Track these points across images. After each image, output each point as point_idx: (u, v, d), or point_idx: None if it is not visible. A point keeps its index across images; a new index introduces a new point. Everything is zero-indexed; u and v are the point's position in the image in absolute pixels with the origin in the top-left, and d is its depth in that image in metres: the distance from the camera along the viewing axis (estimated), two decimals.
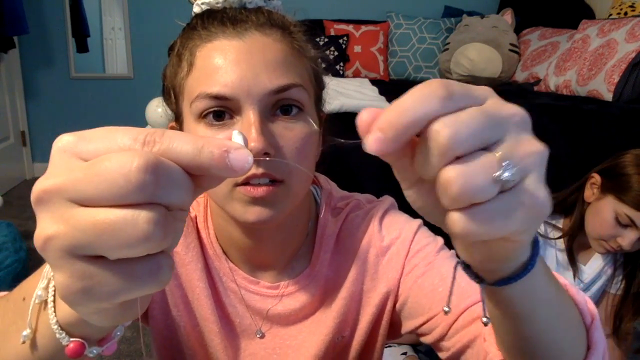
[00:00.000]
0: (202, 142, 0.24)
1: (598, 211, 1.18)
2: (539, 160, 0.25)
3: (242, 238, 0.59)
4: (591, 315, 0.42)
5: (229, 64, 0.49)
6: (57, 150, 0.24)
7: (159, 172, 0.23)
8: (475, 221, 0.24)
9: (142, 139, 0.24)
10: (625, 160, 1.16)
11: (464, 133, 0.23)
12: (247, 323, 0.63)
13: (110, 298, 0.24)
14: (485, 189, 0.23)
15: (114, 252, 0.23)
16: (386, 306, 0.62)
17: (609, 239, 1.16)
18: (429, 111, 0.23)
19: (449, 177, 0.24)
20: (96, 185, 0.22)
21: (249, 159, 0.24)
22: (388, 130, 0.24)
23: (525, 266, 0.32)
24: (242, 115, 0.49)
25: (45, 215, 0.23)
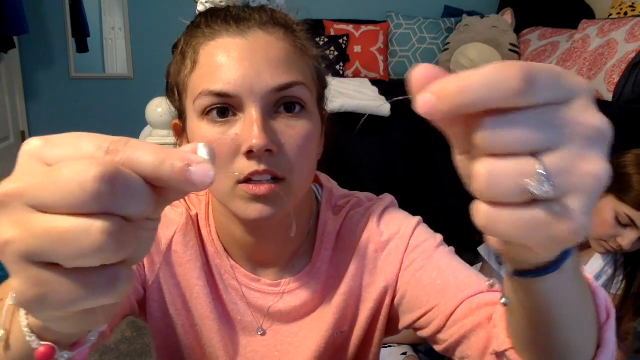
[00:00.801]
0: (164, 154, 0.23)
1: (598, 211, 1.18)
2: (592, 183, 0.23)
3: (243, 235, 0.59)
4: (607, 313, 0.41)
5: (232, 62, 0.49)
6: (23, 153, 0.25)
7: (116, 182, 0.22)
8: (496, 221, 0.23)
9: (105, 147, 0.24)
10: (626, 160, 1.16)
11: (506, 138, 0.22)
12: (248, 320, 0.63)
13: (65, 306, 0.24)
14: (511, 194, 0.23)
15: (69, 261, 0.23)
16: (384, 301, 0.62)
17: (609, 239, 1.15)
18: (491, 99, 0.22)
19: (477, 170, 0.23)
20: (53, 192, 0.22)
21: (210, 174, 0.24)
22: (442, 100, 0.22)
23: (551, 264, 0.31)
24: (244, 112, 0.50)
25: (5, 218, 0.23)
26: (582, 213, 0.23)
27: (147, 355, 1.67)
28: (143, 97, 1.63)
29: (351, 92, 1.99)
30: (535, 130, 0.22)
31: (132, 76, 3.47)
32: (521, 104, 0.22)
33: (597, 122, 0.23)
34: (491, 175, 0.23)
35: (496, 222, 0.23)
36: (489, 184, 0.23)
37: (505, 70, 0.22)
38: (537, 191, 0.22)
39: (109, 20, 3.46)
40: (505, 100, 0.22)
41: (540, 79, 0.22)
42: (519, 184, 0.22)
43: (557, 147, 0.23)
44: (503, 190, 0.23)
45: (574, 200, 0.23)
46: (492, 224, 0.24)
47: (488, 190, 0.23)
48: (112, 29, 3.46)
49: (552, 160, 0.22)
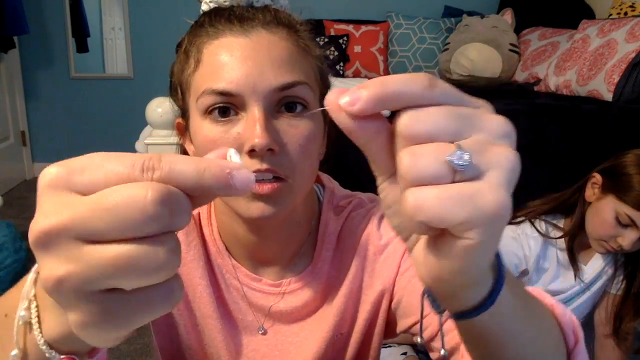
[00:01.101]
0: (203, 165, 0.24)
1: (598, 211, 1.17)
2: (506, 163, 0.25)
3: (245, 234, 0.59)
4: (575, 338, 0.41)
5: (235, 61, 0.49)
6: (47, 186, 0.23)
7: (172, 201, 0.22)
8: (423, 200, 0.24)
9: (139, 166, 0.23)
10: (627, 160, 1.16)
11: (425, 123, 0.24)
12: (249, 320, 0.63)
13: (127, 327, 0.24)
14: (434, 169, 0.24)
15: (132, 284, 0.23)
16: (382, 305, 0.62)
17: (609, 239, 1.15)
18: (407, 91, 0.24)
19: (401, 156, 0.24)
20: (108, 221, 0.22)
21: (252, 178, 0.25)
22: (367, 91, 0.24)
23: (486, 300, 0.31)
24: (247, 111, 0.50)
25: (51, 256, 0.22)
26: (502, 186, 0.24)
27: (147, 355, 1.67)
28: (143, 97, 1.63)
29: None
30: (449, 120, 0.25)
31: (132, 76, 3.47)
32: (430, 98, 0.25)
33: (501, 121, 0.26)
34: (414, 156, 0.24)
35: (424, 201, 0.24)
36: (412, 163, 0.24)
37: (415, 74, 0.25)
38: (457, 160, 0.24)
39: (109, 20, 3.46)
40: (416, 93, 0.25)
41: (439, 83, 0.25)
42: (440, 158, 0.24)
43: (469, 135, 0.25)
44: (425, 166, 0.24)
45: (493, 174, 0.24)
46: (420, 204, 0.24)
47: (412, 169, 0.24)
48: (112, 29, 3.46)
49: (466, 142, 0.25)
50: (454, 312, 0.32)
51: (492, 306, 0.31)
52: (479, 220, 0.24)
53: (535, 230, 1.26)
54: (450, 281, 0.28)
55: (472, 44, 2.87)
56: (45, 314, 0.29)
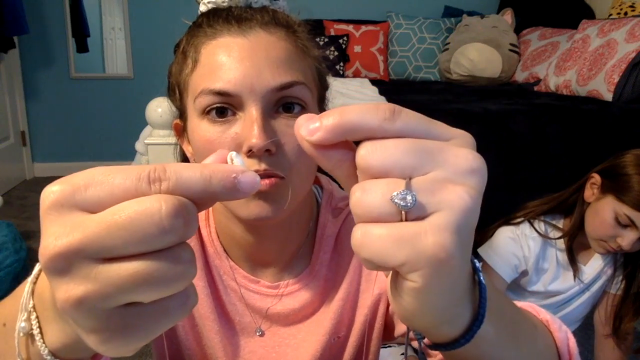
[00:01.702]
0: (208, 172, 0.24)
1: (598, 211, 1.17)
2: (458, 204, 0.23)
3: (243, 236, 0.59)
4: (570, 354, 0.41)
5: (232, 61, 0.49)
6: (51, 206, 0.23)
7: (185, 212, 0.23)
8: (366, 237, 0.23)
9: (145, 178, 0.23)
10: (626, 160, 1.15)
11: (380, 156, 0.24)
12: (246, 321, 0.63)
13: (146, 338, 0.24)
14: (379, 208, 0.23)
15: (151, 298, 0.23)
16: (379, 308, 0.62)
17: (608, 239, 1.15)
18: (365, 124, 0.24)
19: (352, 189, 0.24)
20: (124, 237, 0.21)
21: (257, 180, 0.25)
22: (327, 122, 0.24)
23: (460, 338, 0.30)
24: (244, 111, 0.49)
25: (66, 278, 0.22)
26: (447, 228, 0.23)
27: (147, 355, 1.67)
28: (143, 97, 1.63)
29: (351, 92, 1.99)
30: (406, 154, 0.24)
31: (132, 76, 3.47)
32: (389, 131, 0.24)
33: (469, 157, 0.25)
34: (363, 191, 0.24)
35: (368, 238, 0.23)
36: (360, 199, 0.24)
37: (376, 104, 0.25)
38: (400, 201, 0.23)
39: (109, 20, 3.46)
40: (375, 125, 0.24)
41: (403, 113, 0.25)
42: (385, 197, 0.23)
43: (428, 171, 0.24)
44: (372, 203, 0.23)
45: (439, 216, 0.23)
46: (364, 242, 0.24)
47: (359, 205, 0.24)
48: (112, 29, 3.46)
49: (419, 180, 0.24)
50: (431, 342, 0.32)
51: (468, 343, 0.30)
52: (418, 263, 0.23)
53: (534, 230, 1.26)
54: (413, 320, 0.27)
55: (472, 44, 2.87)
56: (47, 326, 0.29)
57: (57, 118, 3.45)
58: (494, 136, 1.82)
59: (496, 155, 1.82)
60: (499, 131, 1.84)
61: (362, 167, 0.24)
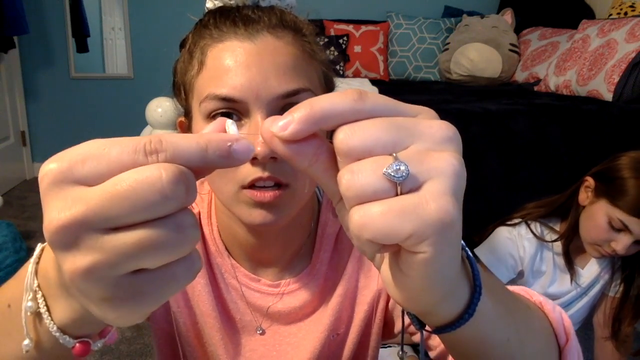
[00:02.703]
0: (204, 141, 0.24)
1: (591, 215, 1.16)
2: (448, 169, 0.24)
3: (245, 236, 0.59)
4: (566, 335, 0.41)
5: (238, 67, 0.49)
6: (49, 182, 0.23)
7: (185, 179, 0.23)
8: (368, 217, 0.23)
9: (142, 149, 0.23)
10: (621, 163, 1.13)
11: (359, 137, 0.24)
12: (247, 320, 0.63)
13: (156, 303, 0.24)
14: (373, 185, 0.23)
15: (157, 263, 0.23)
16: (378, 304, 0.63)
17: (602, 243, 1.13)
18: (336, 108, 0.24)
19: (340, 174, 0.24)
20: (126, 206, 0.22)
21: (251, 147, 0.25)
22: (298, 114, 0.24)
23: (463, 315, 0.30)
24: (250, 118, 0.49)
25: (72, 251, 0.23)
26: (445, 193, 0.23)
27: (147, 355, 1.67)
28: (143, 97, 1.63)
29: None
30: (384, 131, 0.24)
31: (132, 76, 3.47)
32: (361, 111, 0.25)
33: (443, 127, 0.25)
34: (352, 173, 0.24)
35: (368, 218, 0.23)
36: (351, 181, 0.24)
37: (342, 91, 0.25)
38: (394, 172, 0.23)
39: (109, 20, 3.46)
40: (346, 108, 0.24)
41: (370, 95, 0.25)
42: (377, 173, 0.23)
43: (408, 145, 0.25)
44: (365, 182, 0.23)
45: (434, 183, 0.24)
46: (364, 222, 0.23)
47: (351, 187, 0.24)
48: (112, 29, 3.46)
49: (404, 153, 0.24)
50: (433, 326, 0.32)
51: (471, 318, 0.30)
52: (426, 232, 0.23)
53: (530, 231, 1.25)
54: (419, 299, 0.27)
55: (472, 44, 2.87)
56: (53, 303, 0.29)
57: (57, 118, 3.45)
58: (494, 136, 1.82)
59: (496, 155, 1.82)
60: (499, 131, 1.84)
61: (344, 151, 0.24)
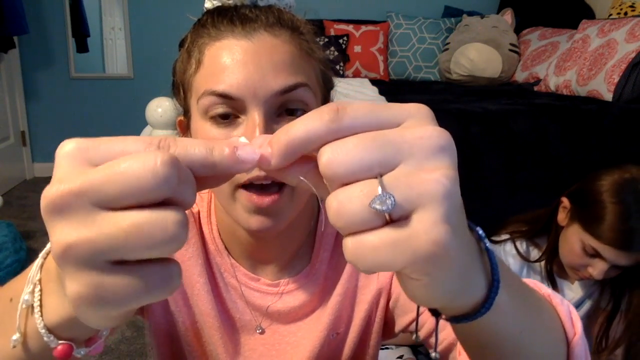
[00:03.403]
0: (211, 144, 0.25)
1: (566, 239, 1.10)
2: (439, 192, 0.23)
3: (245, 235, 0.59)
4: (574, 329, 0.41)
5: (236, 64, 0.49)
6: (65, 155, 0.24)
7: (179, 166, 0.23)
8: (359, 249, 0.23)
9: (156, 143, 0.24)
10: (602, 185, 1.04)
11: (342, 160, 0.23)
12: (247, 319, 0.63)
13: (123, 305, 0.24)
14: (361, 217, 0.23)
15: (140, 254, 0.23)
16: (379, 303, 0.63)
17: (579, 267, 1.08)
18: (312, 134, 0.24)
19: (328, 201, 0.24)
20: (121, 185, 0.22)
21: (256, 152, 0.25)
22: (276, 146, 0.25)
23: (482, 305, 0.29)
24: (247, 115, 0.49)
25: (64, 222, 0.23)
26: (437, 223, 0.22)
27: (147, 355, 1.67)
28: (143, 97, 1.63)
29: (352, 93, 1.99)
30: (369, 151, 0.23)
31: (132, 76, 3.47)
32: (339, 131, 0.24)
33: (433, 134, 0.24)
34: (337, 201, 0.23)
35: (361, 251, 0.23)
36: (339, 211, 0.23)
37: (317, 110, 0.24)
38: (380, 206, 0.22)
39: (109, 20, 3.46)
40: (322, 131, 0.24)
41: (348, 108, 0.24)
42: (364, 204, 0.22)
43: (397, 164, 0.23)
44: (352, 214, 0.23)
45: (425, 212, 0.23)
46: (359, 254, 0.23)
47: (339, 218, 0.23)
48: (112, 29, 3.46)
49: (391, 176, 0.23)
50: (449, 316, 0.32)
51: (489, 311, 0.30)
52: (419, 264, 0.23)
53: (514, 248, 1.20)
54: (431, 304, 0.27)
55: (472, 44, 2.87)
56: (47, 299, 0.29)
57: (57, 118, 3.45)
58: (494, 136, 1.82)
59: (496, 155, 1.82)
60: (499, 131, 1.84)
61: (329, 177, 0.23)
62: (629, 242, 0.99)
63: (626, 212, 0.99)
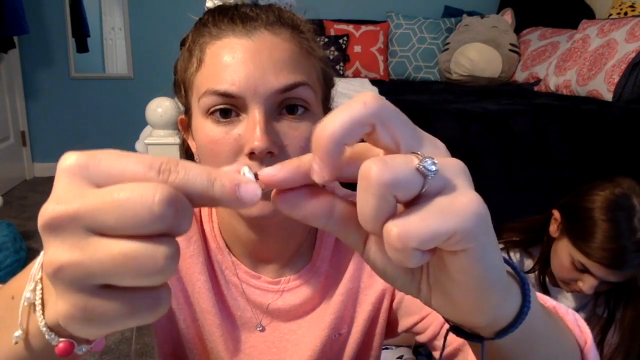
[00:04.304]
0: (214, 175, 0.24)
1: (556, 252, 1.09)
2: (461, 169, 0.25)
3: (246, 232, 0.59)
4: (585, 336, 0.41)
5: (236, 63, 0.50)
6: (65, 171, 0.24)
7: (178, 205, 0.23)
8: (407, 224, 0.23)
9: (157, 167, 0.24)
10: (594, 201, 1.02)
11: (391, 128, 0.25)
12: (247, 316, 0.64)
13: (109, 327, 0.24)
14: (409, 178, 0.23)
15: (127, 282, 0.23)
16: (382, 304, 0.63)
17: (569, 281, 1.07)
18: (356, 120, 0.24)
19: (366, 164, 0.23)
20: (116, 215, 0.22)
21: (258, 192, 0.25)
22: (320, 148, 0.24)
23: (520, 313, 0.30)
24: (248, 113, 0.50)
25: (57, 242, 0.23)
26: (468, 188, 0.25)
27: (147, 355, 1.67)
28: (143, 97, 1.63)
29: (352, 93, 2.00)
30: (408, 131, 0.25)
31: (132, 76, 3.47)
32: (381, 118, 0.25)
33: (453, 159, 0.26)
34: (384, 162, 0.23)
35: (410, 225, 0.23)
36: (385, 173, 0.23)
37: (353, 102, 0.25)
38: (429, 166, 0.24)
39: (109, 20, 3.46)
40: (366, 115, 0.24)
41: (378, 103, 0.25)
42: (411, 164, 0.24)
43: (423, 147, 0.26)
44: (398, 173, 0.23)
45: (458, 180, 0.25)
46: (408, 230, 0.23)
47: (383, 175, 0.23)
48: (112, 29, 3.46)
49: (425, 153, 0.25)
50: (492, 333, 0.31)
51: (527, 315, 0.30)
52: (467, 226, 0.23)
53: (507, 257, 1.19)
54: (480, 307, 0.27)
55: (472, 44, 2.87)
56: (49, 297, 0.29)
57: (57, 118, 3.45)
58: (494, 136, 1.82)
59: (496, 155, 1.82)
60: (499, 131, 1.84)
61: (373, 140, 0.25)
62: (618, 260, 0.98)
63: (617, 230, 0.98)
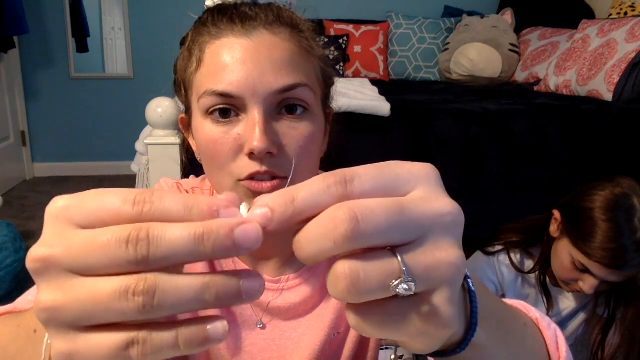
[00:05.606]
0: (191, 202, 0.24)
1: (557, 252, 1.09)
2: (451, 273, 0.23)
3: None
4: (559, 352, 0.41)
5: (235, 63, 0.50)
6: (49, 216, 0.25)
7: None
8: (367, 320, 0.23)
9: (132, 200, 0.24)
10: (594, 201, 1.02)
11: (368, 229, 0.22)
12: (248, 314, 0.64)
13: None
14: (377, 294, 0.23)
15: (110, 320, 0.23)
16: None
17: (570, 281, 1.07)
18: (319, 203, 0.23)
19: (341, 271, 0.23)
20: (98, 257, 0.23)
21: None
22: (278, 215, 0.24)
23: (454, 349, 0.30)
24: (247, 113, 0.50)
25: (44, 284, 0.24)
26: (447, 304, 0.24)
27: None
28: (143, 97, 1.63)
29: (352, 93, 1.99)
30: (391, 224, 0.22)
31: (132, 76, 3.47)
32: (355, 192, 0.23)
33: (449, 209, 0.24)
34: (356, 275, 0.22)
35: (367, 322, 0.23)
36: (353, 284, 0.22)
37: (324, 180, 0.24)
38: (404, 291, 0.22)
39: (109, 20, 3.46)
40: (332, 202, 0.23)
41: (355, 179, 0.23)
42: (385, 282, 0.22)
43: (416, 240, 0.23)
44: (367, 289, 0.22)
45: (438, 293, 0.23)
46: (363, 326, 0.23)
47: (352, 291, 0.22)
48: (112, 29, 3.46)
49: (412, 258, 0.23)
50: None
51: (463, 351, 0.30)
52: (425, 336, 0.24)
53: (508, 258, 1.19)
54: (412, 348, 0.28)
55: (472, 44, 2.87)
56: None
57: (57, 118, 3.45)
58: (494, 136, 1.82)
59: (496, 155, 1.82)
60: (499, 131, 1.84)
61: (344, 239, 0.22)
62: (619, 260, 0.98)
63: (617, 230, 0.98)
